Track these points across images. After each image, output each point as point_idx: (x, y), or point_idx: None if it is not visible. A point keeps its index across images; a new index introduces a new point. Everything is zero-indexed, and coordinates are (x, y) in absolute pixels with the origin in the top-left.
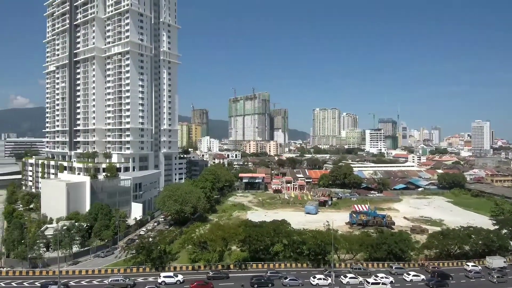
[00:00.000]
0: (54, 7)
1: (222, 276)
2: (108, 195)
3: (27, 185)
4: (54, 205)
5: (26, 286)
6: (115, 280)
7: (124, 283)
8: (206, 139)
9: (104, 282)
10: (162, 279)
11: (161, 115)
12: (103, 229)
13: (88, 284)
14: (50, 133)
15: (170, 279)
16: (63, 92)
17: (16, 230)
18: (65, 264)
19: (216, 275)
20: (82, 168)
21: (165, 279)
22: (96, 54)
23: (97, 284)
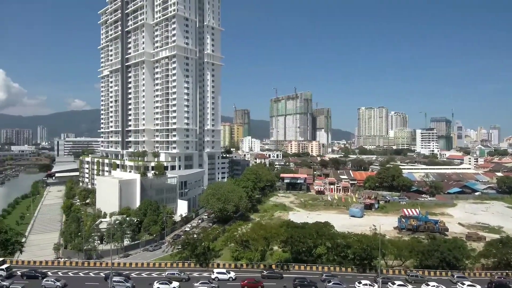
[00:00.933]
0: (107, 15)
1: (277, 276)
2: (156, 192)
3: (84, 181)
4: (107, 201)
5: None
6: (171, 273)
7: (179, 277)
8: (247, 139)
9: (162, 274)
10: (215, 275)
11: (205, 116)
12: (151, 224)
13: (148, 276)
14: (105, 133)
15: (223, 275)
16: (116, 95)
17: (73, 223)
18: (117, 257)
19: (270, 275)
20: (133, 166)
21: (218, 275)
22: (146, 58)
23: (156, 277)
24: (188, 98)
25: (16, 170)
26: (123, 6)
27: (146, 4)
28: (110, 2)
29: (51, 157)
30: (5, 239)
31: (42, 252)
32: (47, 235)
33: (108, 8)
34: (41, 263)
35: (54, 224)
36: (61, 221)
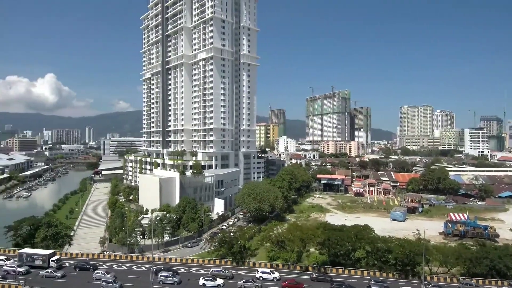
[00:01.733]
0: (148, 20)
1: (326, 279)
2: (194, 190)
3: (128, 179)
4: (149, 198)
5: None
6: (216, 270)
7: (224, 274)
8: (283, 139)
9: (201, 270)
10: (260, 274)
11: (240, 116)
12: (189, 221)
13: (195, 272)
14: (146, 133)
15: (267, 275)
16: (157, 96)
17: (118, 218)
18: (158, 252)
19: (320, 277)
20: (173, 165)
21: (263, 274)
22: (184, 61)
23: (201, 273)
24: (225, 99)
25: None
26: (163, 11)
27: (185, 8)
28: (151, 8)
29: (98, 156)
30: (56, 233)
31: (89, 245)
32: (94, 229)
33: (150, 13)
34: (88, 256)
35: (100, 219)
36: (106, 216)
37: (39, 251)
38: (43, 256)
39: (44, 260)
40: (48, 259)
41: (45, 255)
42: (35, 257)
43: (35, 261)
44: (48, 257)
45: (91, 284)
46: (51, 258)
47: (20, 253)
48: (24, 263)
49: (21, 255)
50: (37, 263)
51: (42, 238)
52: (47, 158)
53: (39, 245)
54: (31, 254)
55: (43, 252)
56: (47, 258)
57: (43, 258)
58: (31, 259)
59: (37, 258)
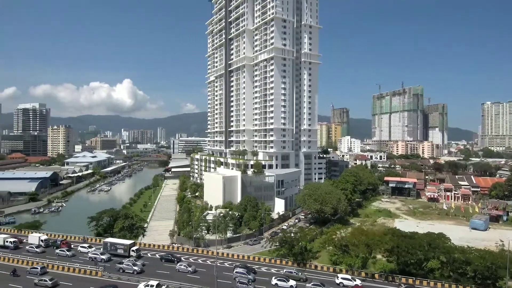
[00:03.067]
0: (213, 25)
1: None
2: (255, 189)
3: (194, 176)
4: (213, 195)
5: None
6: (289, 271)
7: (297, 276)
8: (346, 139)
9: (280, 271)
10: (340, 280)
11: (301, 115)
12: (251, 219)
13: (267, 271)
14: (211, 133)
15: (348, 282)
16: (220, 98)
17: (185, 213)
18: (221, 247)
19: None
20: (235, 164)
21: (343, 280)
22: (246, 63)
23: (274, 272)
24: (285, 99)
25: (141, 165)
26: (227, 15)
27: (247, 11)
28: (216, 13)
29: (168, 154)
30: (132, 224)
31: (160, 237)
32: (164, 222)
33: (214, 19)
34: (159, 247)
35: (170, 213)
36: (175, 210)
37: (121, 241)
38: (125, 245)
39: (125, 249)
40: (129, 249)
41: (127, 245)
42: (117, 246)
43: (117, 250)
44: (129, 247)
45: (163, 274)
46: (131, 248)
47: (104, 242)
48: (108, 251)
49: (105, 244)
50: (119, 252)
51: (119, 229)
52: (125, 156)
53: (117, 235)
54: (114, 244)
55: (124, 242)
56: (128, 247)
57: (124, 248)
58: (114, 248)
59: (120, 247)
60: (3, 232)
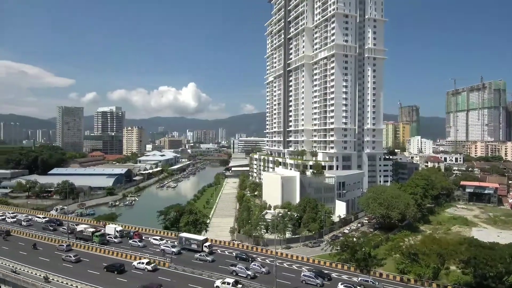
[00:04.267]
0: (272, 26)
1: None
2: (314, 190)
3: (253, 175)
4: (271, 194)
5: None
6: (364, 280)
7: (373, 285)
8: (416, 139)
9: (353, 279)
10: None
11: (364, 114)
12: (310, 221)
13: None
14: (269, 134)
15: None
16: (279, 98)
17: (245, 211)
18: (280, 247)
19: None
20: (293, 164)
21: None
22: (305, 61)
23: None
24: (347, 97)
25: (204, 163)
26: (286, 15)
27: (307, 9)
28: (275, 14)
29: (229, 154)
30: (196, 219)
31: (222, 233)
32: (225, 219)
33: (273, 19)
34: (221, 243)
35: (230, 210)
36: (235, 208)
37: (196, 236)
38: (198, 241)
39: (199, 245)
40: (202, 244)
41: (200, 241)
42: (192, 241)
43: (191, 245)
44: (202, 242)
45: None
46: (204, 243)
47: (180, 236)
48: (183, 246)
49: (181, 239)
50: (193, 247)
51: (185, 223)
52: (189, 155)
53: (182, 229)
54: (189, 239)
55: (198, 238)
56: (201, 243)
57: (198, 243)
58: (188, 242)
59: (194, 242)
60: (84, 223)
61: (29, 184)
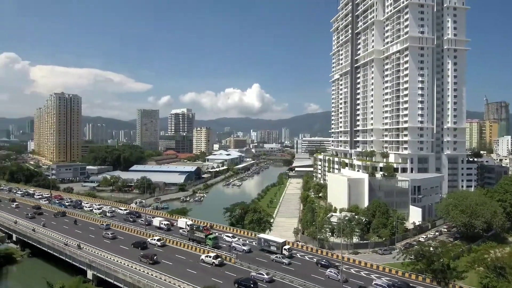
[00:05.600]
0: (338, 21)
1: None
2: (385, 194)
3: (317, 176)
4: (337, 196)
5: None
6: None
7: None
8: (505, 140)
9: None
10: None
11: (444, 112)
12: (380, 226)
13: None
14: (335, 133)
15: None
16: (345, 96)
17: (309, 213)
18: (347, 252)
19: None
20: (361, 166)
21: None
22: (375, 56)
23: None
24: (423, 93)
25: (267, 163)
26: (353, 9)
27: (377, 1)
28: (341, 9)
29: (292, 154)
30: (259, 218)
31: (286, 233)
32: (289, 219)
33: (339, 14)
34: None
35: (294, 211)
36: (299, 209)
37: (275, 238)
38: (278, 243)
39: (278, 247)
40: (281, 247)
41: (279, 243)
42: (270, 243)
43: (270, 247)
44: (281, 245)
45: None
46: (283, 246)
47: (259, 237)
48: (262, 247)
49: (259, 239)
50: (272, 248)
51: (249, 221)
52: (253, 155)
53: (247, 226)
54: (268, 240)
55: (277, 240)
56: (281, 245)
57: (277, 245)
58: (267, 244)
59: (273, 244)
60: (159, 216)
61: (113, 179)
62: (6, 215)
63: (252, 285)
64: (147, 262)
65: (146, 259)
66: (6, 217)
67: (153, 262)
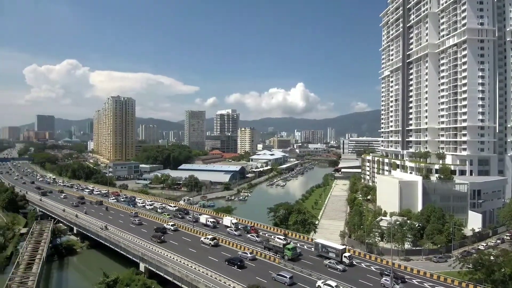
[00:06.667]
0: (388, 15)
1: None
2: (441, 198)
3: (365, 178)
4: (387, 200)
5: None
6: None
7: None
8: None
9: None
10: None
11: (507, 110)
12: (435, 232)
13: None
14: (385, 133)
15: None
16: (396, 94)
17: (356, 216)
18: (397, 258)
19: None
20: (414, 168)
21: None
22: (429, 51)
23: None
24: (483, 89)
25: (312, 163)
26: (405, 2)
27: None
28: (391, 2)
29: (338, 154)
30: (304, 219)
31: (331, 236)
32: (334, 222)
33: (389, 8)
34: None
35: (340, 213)
36: (346, 212)
37: (333, 244)
38: (337, 250)
39: (337, 254)
40: (341, 254)
41: (339, 250)
42: (329, 249)
43: (329, 253)
44: (341, 252)
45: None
46: (343, 253)
47: (316, 242)
48: (320, 253)
49: (316, 245)
50: (330, 255)
51: (293, 222)
52: (297, 155)
53: (291, 227)
54: (326, 246)
55: (337, 247)
56: (340, 253)
57: (336, 252)
58: (325, 250)
59: (331, 251)
60: (206, 213)
61: (163, 177)
62: (56, 203)
63: (239, 262)
64: (156, 241)
65: (155, 239)
66: (58, 206)
67: (161, 241)
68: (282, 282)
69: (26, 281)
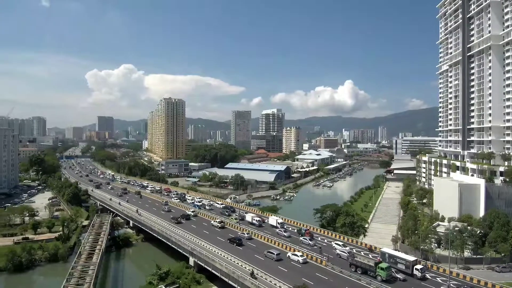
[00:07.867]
0: (446, 6)
1: None
2: (506, 203)
3: (421, 180)
4: (445, 204)
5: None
6: None
7: None
8: None
9: None
10: None
11: None
12: (499, 240)
13: None
14: (443, 132)
15: None
16: (456, 90)
17: (410, 220)
18: (456, 266)
19: None
20: (476, 170)
21: None
22: (492, 43)
23: None
24: None
25: (361, 164)
26: None
27: None
28: None
29: (390, 155)
30: (352, 222)
31: (382, 240)
32: (386, 225)
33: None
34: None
35: (392, 217)
36: (398, 215)
37: (403, 255)
38: (408, 261)
39: (407, 266)
40: (412, 266)
41: (410, 261)
42: (398, 260)
43: (397, 264)
44: (412, 263)
45: None
46: (414, 265)
47: (382, 252)
48: (386, 263)
49: (383, 254)
50: (399, 266)
51: (341, 224)
52: (346, 155)
53: (338, 230)
54: (394, 256)
55: (407, 258)
56: (411, 264)
57: (406, 264)
58: (393, 261)
59: (400, 262)
60: (251, 212)
61: (211, 176)
62: (105, 194)
63: (237, 240)
64: (174, 222)
65: (174, 220)
66: (105, 195)
67: (178, 222)
68: None
69: (87, 270)
